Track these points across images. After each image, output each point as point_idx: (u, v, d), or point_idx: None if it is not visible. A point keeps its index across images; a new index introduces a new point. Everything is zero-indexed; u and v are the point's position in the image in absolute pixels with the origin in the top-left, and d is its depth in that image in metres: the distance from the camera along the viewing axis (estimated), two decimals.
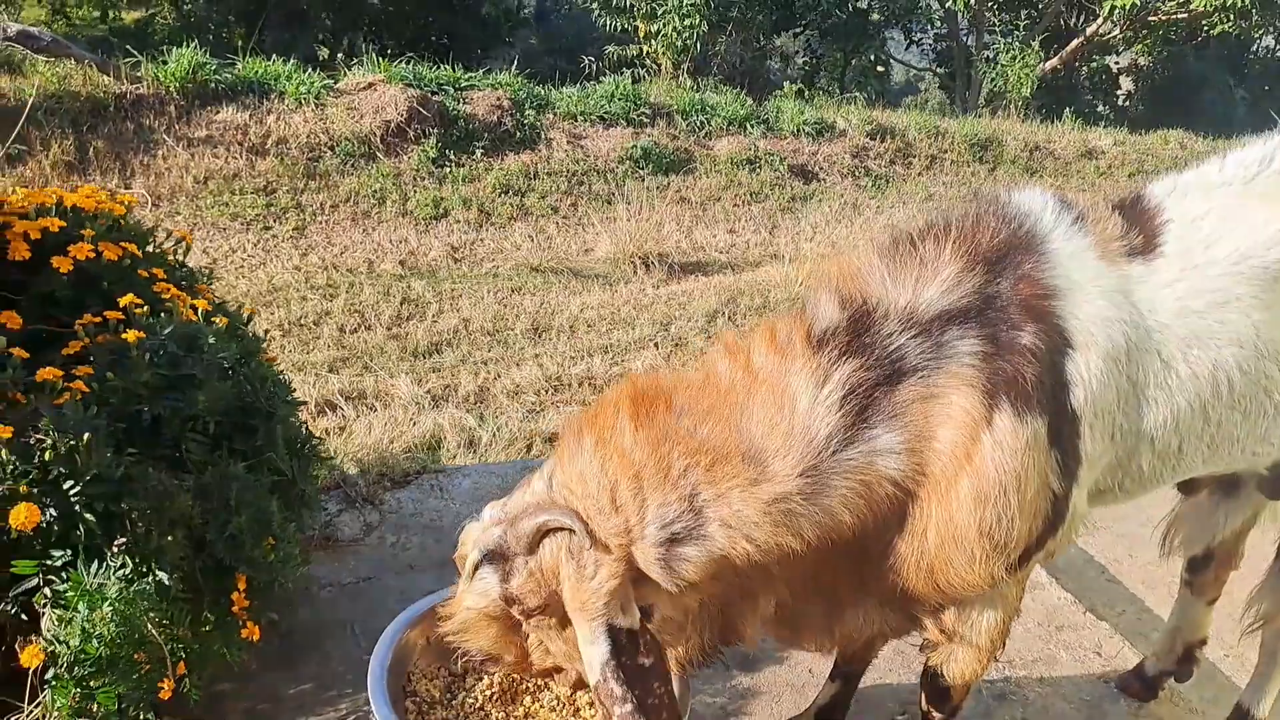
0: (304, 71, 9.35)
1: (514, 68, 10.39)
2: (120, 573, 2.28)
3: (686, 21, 10.62)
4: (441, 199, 8.83)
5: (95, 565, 2.27)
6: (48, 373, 2.34)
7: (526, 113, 9.72)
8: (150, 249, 2.88)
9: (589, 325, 7.13)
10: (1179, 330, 2.17)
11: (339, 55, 9.80)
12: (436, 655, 2.34)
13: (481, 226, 8.65)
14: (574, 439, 2.06)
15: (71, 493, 2.27)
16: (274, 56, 9.33)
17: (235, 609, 2.54)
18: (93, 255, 2.64)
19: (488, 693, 2.28)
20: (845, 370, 2.00)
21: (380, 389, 5.88)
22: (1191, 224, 2.24)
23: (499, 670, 2.27)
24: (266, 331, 3.89)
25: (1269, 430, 2.35)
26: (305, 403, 4.61)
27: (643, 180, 9.71)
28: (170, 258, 2.95)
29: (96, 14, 12.81)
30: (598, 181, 9.51)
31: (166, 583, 2.35)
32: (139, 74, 8.45)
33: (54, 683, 2.24)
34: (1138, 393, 2.17)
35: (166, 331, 2.57)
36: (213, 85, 8.69)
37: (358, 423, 4.94)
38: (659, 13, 10.89)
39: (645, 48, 11.12)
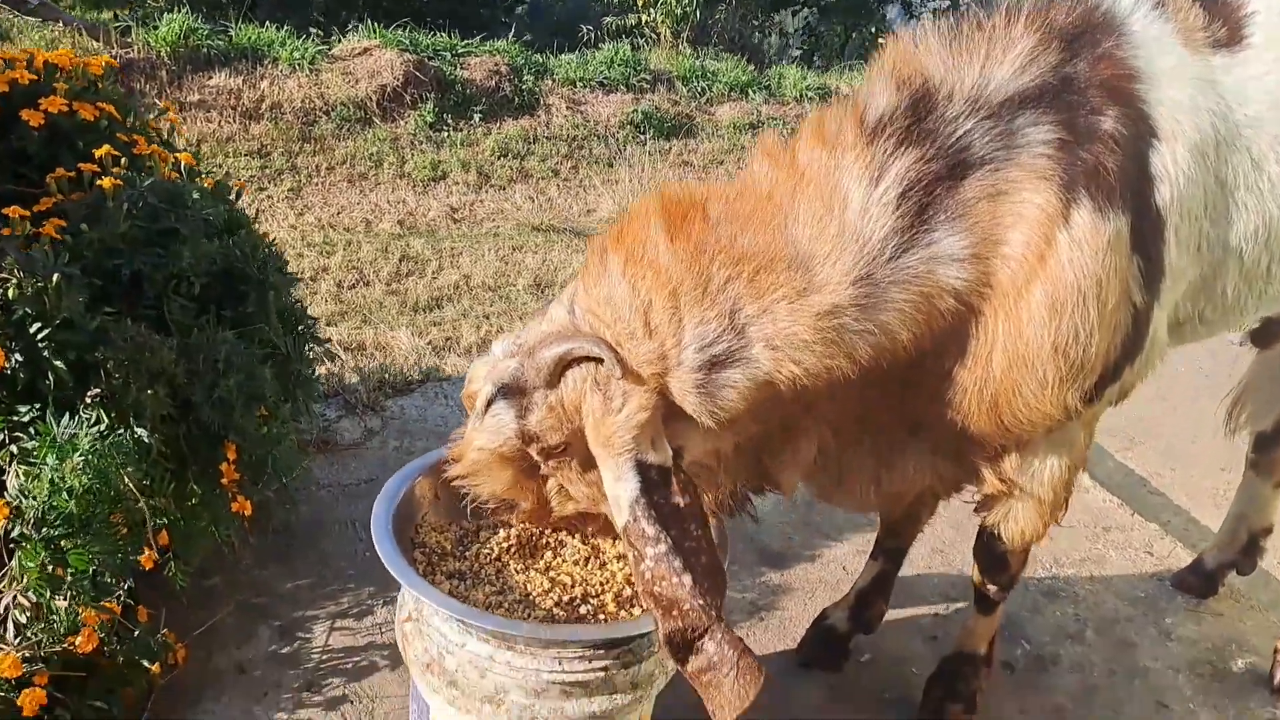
0: (298, 38, 9.16)
1: (511, 35, 10.21)
2: (95, 429, 2.07)
3: None
4: (439, 162, 8.64)
5: (66, 419, 2.06)
6: (14, 210, 2.14)
7: (525, 78, 9.53)
8: (131, 120, 2.68)
9: None
10: (1271, 126, 1.95)
11: (334, 27, 9.61)
12: (447, 511, 2.12)
13: (481, 188, 8.47)
14: (598, 260, 1.83)
15: (39, 338, 2.06)
16: (268, 23, 9.14)
17: (225, 480, 2.33)
18: (66, 110, 2.44)
19: (505, 545, 2.06)
20: (903, 163, 1.76)
21: (380, 340, 5.68)
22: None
23: (515, 520, 2.04)
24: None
25: None
26: (301, 278, 4.33)
27: (644, 145, 9.54)
28: (153, 129, 2.75)
29: None
30: (598, 145, 9.33)
31: (146, 440, 2.14)
32: (129, 39, 8.26)
33: (21, 543, 2.03)
34: (1226, 195, 1.95)
35: (146, 184, 2.37)
36: (205, 50, 8.50)
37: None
38: None
39: (644, 16, 10.94)
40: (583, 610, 1.96)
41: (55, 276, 2.07)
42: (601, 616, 1.97)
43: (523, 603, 1.95)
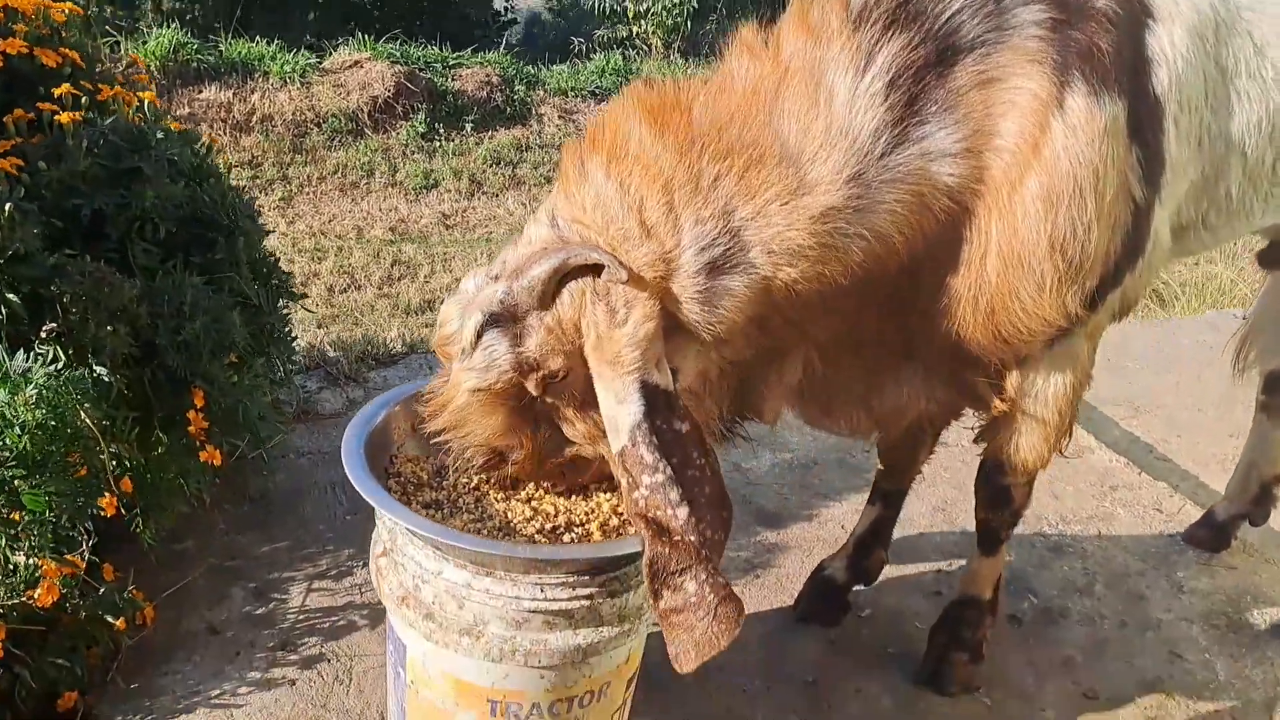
0: (289, 52, 9.14)
1: (502, 49, 10.20)
2: (51, 366, 1.98)
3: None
4: (431, 170, 8.61)
5: (20, 355, 1.97)
6: None
7: (516, 88, 9.51)
8: (98, 70, 2.61)
9: None
10: (1275, 8, 1.88)
11: (325, 42, 9.60)
12: (427, 444, 2.02)
13: (473, 196, 8.42)
14: (576, 167, 1.70)
15: None
16: (258, 38, 9.13)
17: (191, 429, 2.24)
18: (26, 52, 2.37)
19: (485, 475, 1.95)
20: (891, 49, 1.66)
21: (371, 342, 5.61)
22: None
23: (506, 473, 1.92)
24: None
25: None
26: (272, 230, 4.20)
27: None
28: (120, 80, 2.67)
29: None
30: None
31: (106, 379, 2.05)
32: (119, 55, 8.24)
33: None
34: (1227, 83, 1.87)
35: (108, 123, 2.29)
36: (195, 65, 8.49)
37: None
38: None
39: (635, 28, 10.94)
40: (566, 539, 1.85)
41: (8, 207, 1.99)
42: None
43: (503, 530, 1.84)
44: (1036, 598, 2.74)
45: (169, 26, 8.44)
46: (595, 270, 1.62)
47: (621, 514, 1.90)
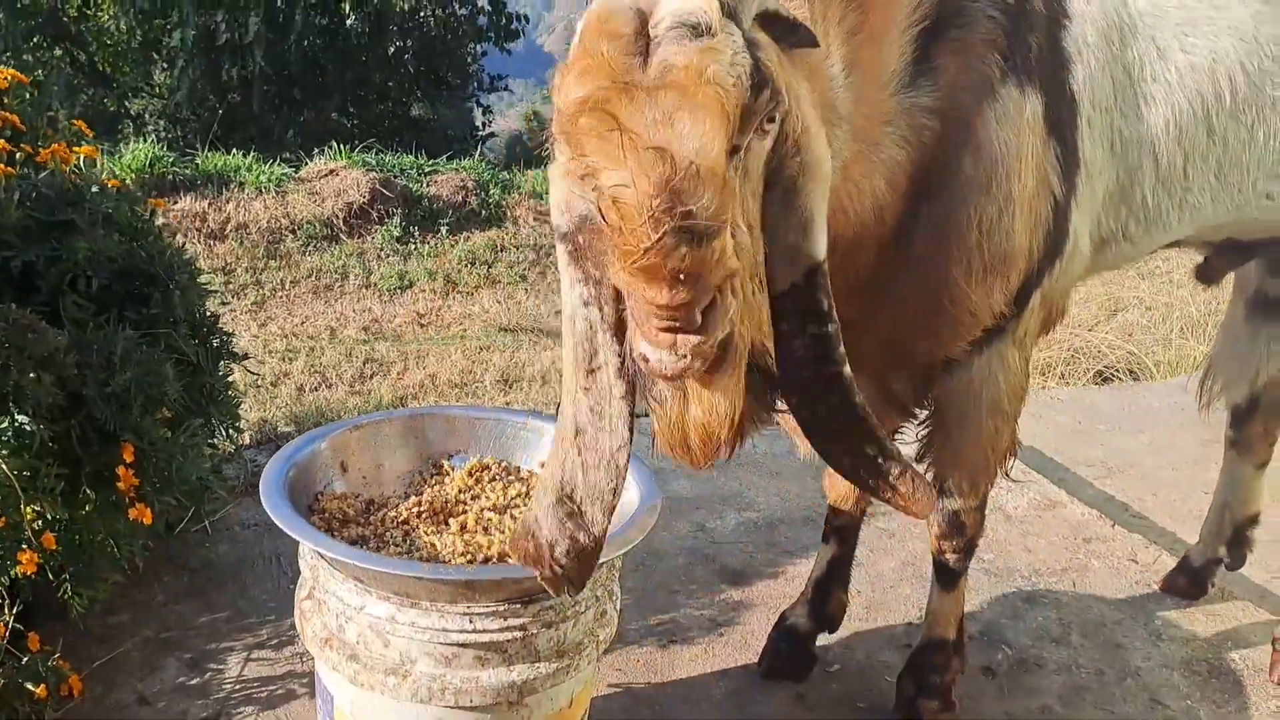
0: (265, 163, 9.28)
1: (477, 157, 10.39)
2: None
3: None
4: (406, 272, 8.65)
5: None
6: None
7: (492, 192, 9.65)
8: (40, 133, 2.61)
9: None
10: (1175, 14, 1.92)
11: (301, 152, 9.76)
12: (358, 483, 1.96)
13: (448, 295, 8.45)
14: None
15: None
16: (234, 151, 9.26)
17: (121, 485, 2.16)
18: None
19: (414, 509, 1.88)
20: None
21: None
22: None
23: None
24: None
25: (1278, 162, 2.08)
26: (217, 290, 4.13)
27: None
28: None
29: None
30: None
31: (29, 428, 1.99)
32: (95, 168, 8.32)
33: None
34: (1135, 85, 1.90)
35: (42, 176, 2.28)
36: (171, 177, 8.60)
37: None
38: None
39: None
40: None
41: None
42: None
43: (431, 564, 1.77)
44: (1011, 648, 2.64)
45: (146, 140, 8.58)
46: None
47: None
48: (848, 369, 1.44)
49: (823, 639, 2.49)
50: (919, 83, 1.69)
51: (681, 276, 1.16)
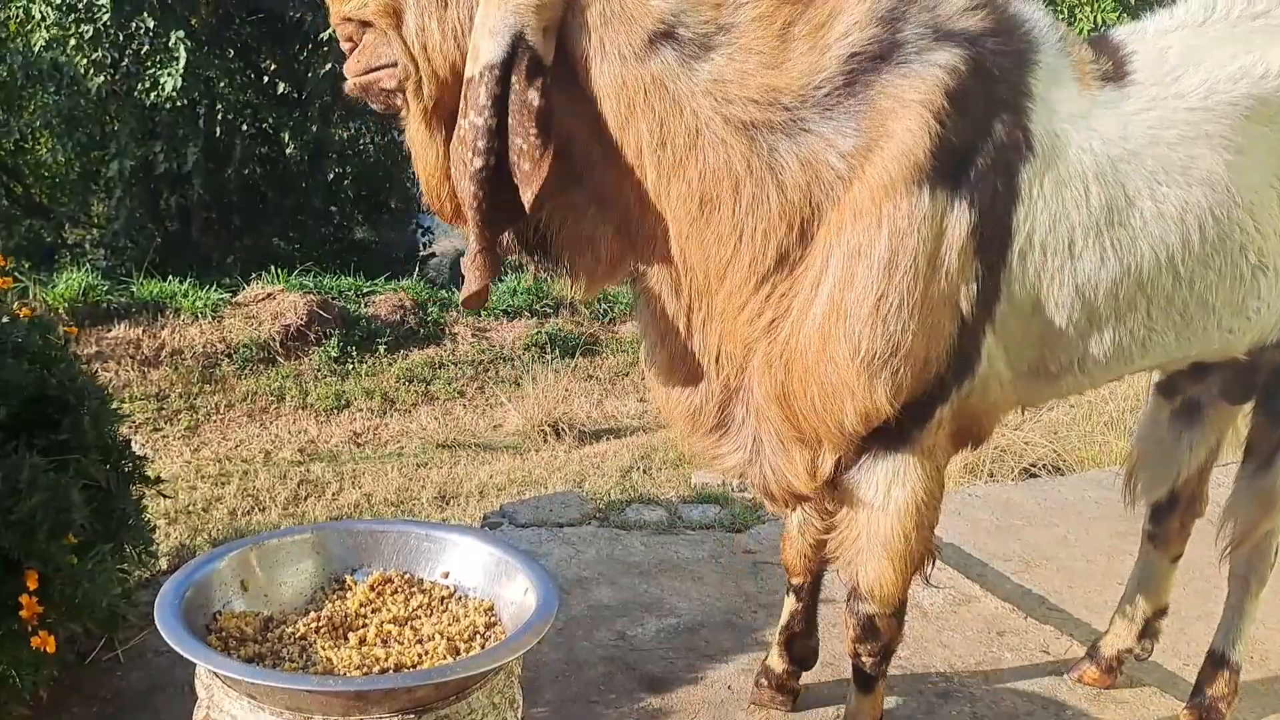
0: (202, 289, 9.33)
1: (415, 276, 10.53)
2: None
3: None
4: (343, 391, 8.67)
5: None
6: None
7: (430, 310, 9.76)
8: None
9: (499, 489, 6.83)
10: (1148, 163, 1.99)
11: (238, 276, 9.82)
12: (256, 601, 1.97)
13: (385, 413, 8.46)
14: None
15: None
16: (170, 277, 9.30)
17: (24, 613, 2.16)
18: None
19: (313, 625, 1.89)
20: (867, 32, 1.82)
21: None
22: (1158, 55, 2.10)
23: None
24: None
25: (1245, 299, 2.14)
26: (129, 415, 4.10)
27: (549, 364, 9.67)
28: None
29: None
30: (504, 367, 9.46)
31: None
32: (27, 299, 8.34)
33: None
34: (1102, 231, 1.96)
35: None
36: (105, 305, 8.61)
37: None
38: None
39: None
40: None
41: None
42: None
43: (321, 677, 1.78)
44: None
45: (80, 269, 8.60)
46: None
47: (459, 652, 1.84)
48: (478, 161, 1.76)
49: None
50: (835, 115, 1.80)
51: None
